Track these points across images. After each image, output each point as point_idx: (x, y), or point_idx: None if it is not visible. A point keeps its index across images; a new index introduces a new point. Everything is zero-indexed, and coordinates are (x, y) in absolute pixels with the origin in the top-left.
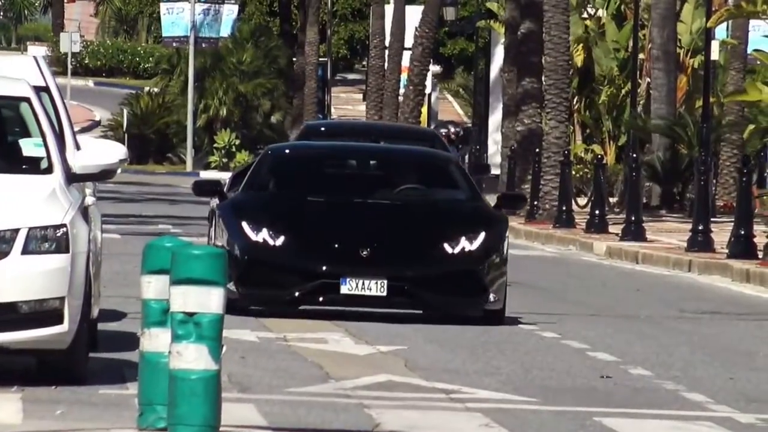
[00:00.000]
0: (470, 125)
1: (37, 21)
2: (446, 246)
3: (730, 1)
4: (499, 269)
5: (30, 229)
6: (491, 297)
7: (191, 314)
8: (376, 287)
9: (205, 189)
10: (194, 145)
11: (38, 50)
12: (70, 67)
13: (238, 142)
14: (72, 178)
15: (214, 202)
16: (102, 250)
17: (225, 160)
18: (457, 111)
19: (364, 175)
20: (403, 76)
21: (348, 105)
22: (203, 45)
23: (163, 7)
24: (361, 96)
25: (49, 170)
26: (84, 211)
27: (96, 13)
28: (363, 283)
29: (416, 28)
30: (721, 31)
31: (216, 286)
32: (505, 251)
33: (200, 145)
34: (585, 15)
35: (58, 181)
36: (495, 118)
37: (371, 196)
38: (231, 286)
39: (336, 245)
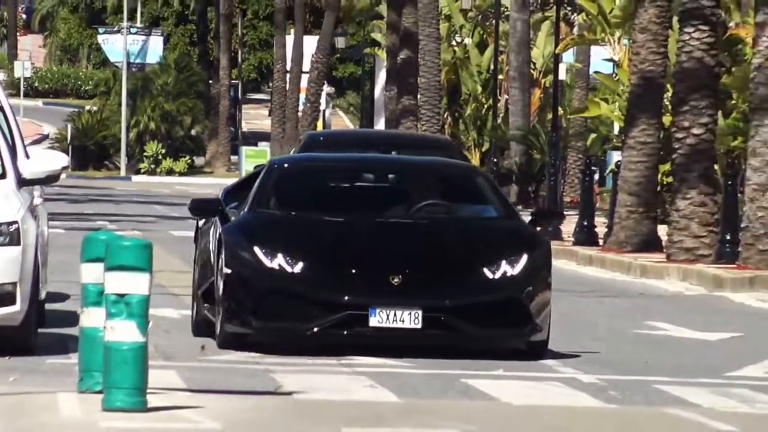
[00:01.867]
0: None
1: None
2: (486, 271)
3: (575, 30)
4: (543, 296)
5: None
6: (536, 327)
7: (122, 295)
8: (409, 319)
9: (205, 209)
10: (127, 154)
11: None
12: (22, 89)
13: (164, 151)
14: (22, 182)
15: (201, 221)
16: (48, 242)
17: (153, 166)
18: (347, 124)
19: (383, 191)
20: (302, 95)
21: (256, 120)
22: (134, 70)
23: (100, 38)
24: (267, 112)
25: (2, 176)
26: (33, 210)
27: (44, 45)
28: (395, 314)
29: (312, 54)
30: (568, 56)
31: (142, 272)
32: (550, 275)
33: (132, 154)
34: (453, 43)
35: (11, 185)
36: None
37: (394, 214)
38: (242, 319)
39: (363, 272)
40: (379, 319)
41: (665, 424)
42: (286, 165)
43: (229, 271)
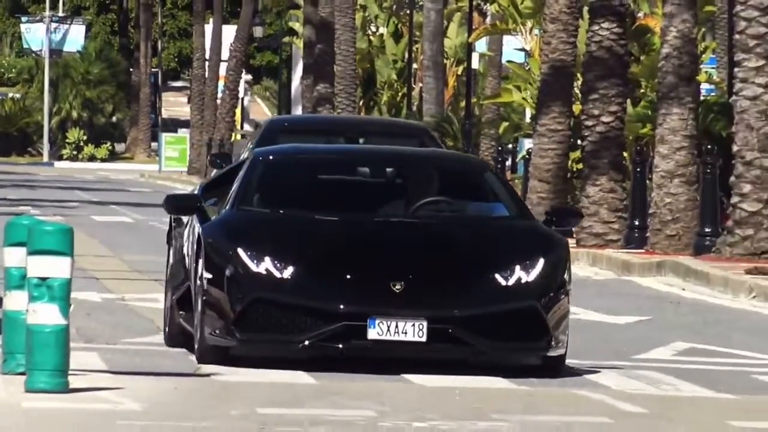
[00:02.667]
0: None
1: None
2: (498, 277)
3: (488, 20)
4: (562, 305)
5: None
6: (553, 341)
7: (44, 279)
8: (413, 330)
9: (182, 206)
10: (50, 141)
11: None
12: None
13: (85, 137)
14: None
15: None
16: None
17: (75, 152)
18: (265, 112)
19: (380, 186)
20: (221, 83)
21: (176, 107)
22: (55, 57)
23: (23, 26)
24: (186, 99)
25: None
26: None
27: None
28: (396, 326)
29: (231, 44)
30: (481, 45)
31: (64, 256)
32: (568, 282)
33: (55, 140)
34: (369, 32)
35: None
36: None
37: (394, 212)
38: (224, 329)
39: (360, 278)
40: (378, 330)
41: (574, 405)
42: (271, 157)
43: (209, 276)
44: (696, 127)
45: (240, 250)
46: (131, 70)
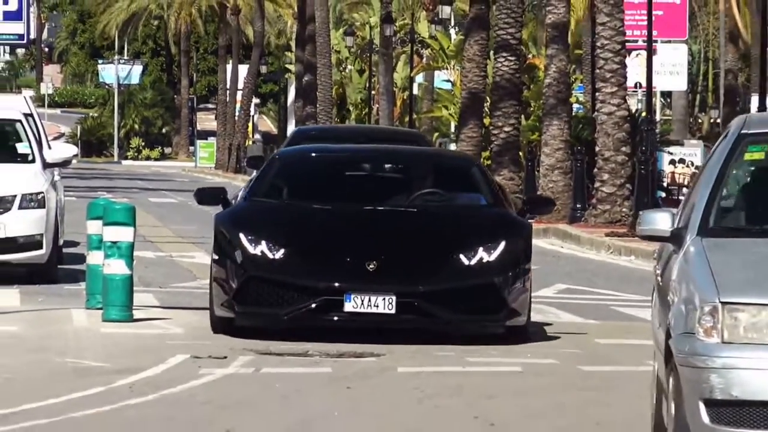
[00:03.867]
0: (275, 133)
1: (27, 76)
2: (462, 257)
3: (424, 60)
4: (521, 281)
5: (23, 194)
6: (512, 312)
7: (115, 242)
8: (383, 304)
9: (208, 197)
10: (118, 146)
11: (28, 92)
12: (46, 102)
13: (143, 143)
14: (46, 165)
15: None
16: (64, 206)
17: (136, 154)
18: (270, 126)
19: (378, 181)
20: (238, 105)
21: (206, 122)
22: (122, 88)
23: (99, 66)
24: (213, 116)
25: (33, 161)
26: (54, 184)
27: (61, 71)
28: (369, 300)
29: (245, 77)
30: (419, 78)
31: (128, 226)
32: (529, 261)
33: (122, 146)
34: (341, 68)
35: (38, 167)
36: (290, 128)
37: (385, 202)
38: (227, 303)
39: (340, 258)
40: (353, 304)
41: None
42: (287, 156)
43: (216, 256)
44: (569, 134)
45: (241, 235)
46: (175, 96)
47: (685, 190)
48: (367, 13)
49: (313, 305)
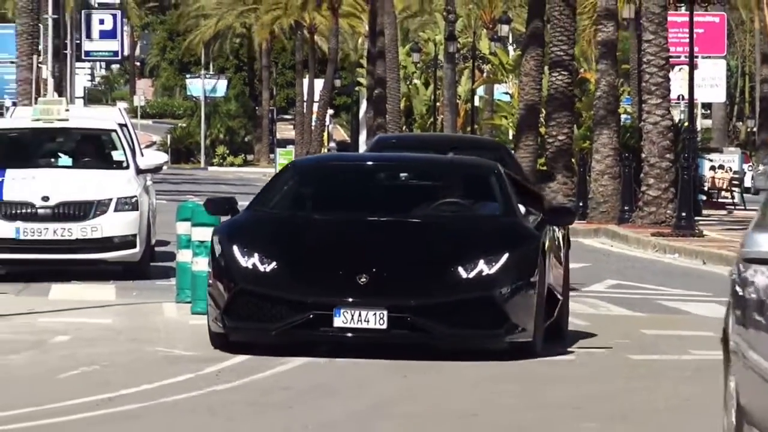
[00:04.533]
0: (348, 142)
1: (121, 90)
2: (460, 269)
3: (485, 74)
4: (525, 294)
5: (118, 198)
6: (515, 328)
7: (202, 241)
8: (374, 319)
9: (217, 207)
10: (205, 153)
11: (122, 105)
12: (139, 113)
13: (228, 151)
14: (139, 171)
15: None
16: (156, 208)
17: (221, 161)
18: (343, 135)
19: (388, 190)
20: (314, 116)
21: (285, 131)
22: (208, 100)
23: (187, 81)
24: (292, 126)
25: (127, 167)
26: (146, 189)
27: (152, 85)
28: (360, 315)
29: (320, 91)
30: (480, 90)
31: (214, 227)
32: (536, 274)
33: (208, 153)
34: (408, 82)
35: (132, 173)
36: (362, 137)
37: (396, 213)
38: (219, 317)
39: (332, 271)
40: (343, 319)
41: None
42: (299, 165)
43: (210, 269)
44: (618, 142)
45: (234, 247)
46: (256, 108)
47: (723, 193)
48: (432, 32)
49: (302, 320)
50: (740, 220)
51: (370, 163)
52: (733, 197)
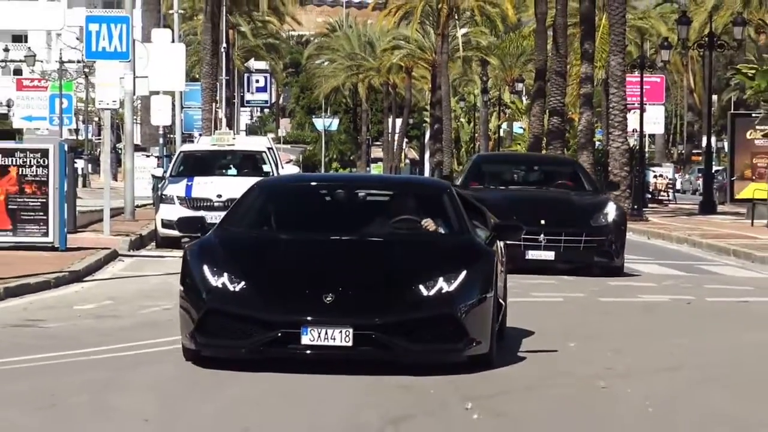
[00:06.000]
0: (418, 159)
1: (269, 125)
2: (421, 287)
3: (507, 115)
4: (482, 310)
5: None
6: (473, 342)
7: None
8: (340, 337)
9: (189, 226)
10: (325, 168)
11: (270, 135)
12: (281, 141)
13: (339, 166)
14: None
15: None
16: None
17: (334, 172)
18: (414, 154)
19: (350, 210)
20: (395, 144)
21: (377, 153)
22: (326, 132)
23: (314, 120)
24: (381, 149)
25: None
26: None
27: (290, 122)
28: (326, 333)
29: (400, 126)
30: (504, 126)
31: None
32: (491, 289)
33: (326, 168)
34: (457, 120)
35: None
36: (426, 155)
37: (357, 232)
38: (190, 334)
39: (298, 290)
40: (310, 337)
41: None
42: (266, 185)
43: (181, 288)
44: (594, 159)
45: (205, 267)
46: (358, 137)
47: (662, 193)
48: (472, 87)
49: (271, 338)
50: (672, 210)
51: (330, 183)
52: (668, 196)
